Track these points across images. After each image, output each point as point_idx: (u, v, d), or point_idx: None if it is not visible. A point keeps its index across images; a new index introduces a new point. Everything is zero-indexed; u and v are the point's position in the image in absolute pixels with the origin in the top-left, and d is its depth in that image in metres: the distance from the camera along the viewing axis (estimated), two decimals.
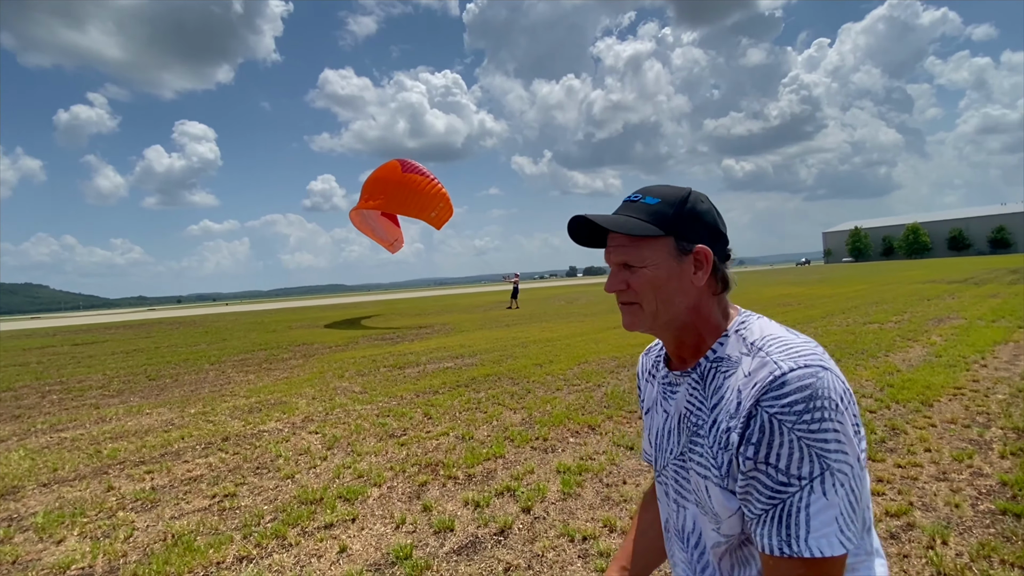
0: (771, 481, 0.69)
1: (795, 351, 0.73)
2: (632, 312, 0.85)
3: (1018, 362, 6.50)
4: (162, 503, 3.75)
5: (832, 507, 0.67)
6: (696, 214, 0.83)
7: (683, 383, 0.87)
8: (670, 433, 0.89)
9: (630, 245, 0.83)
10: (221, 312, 41.89)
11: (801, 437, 0.67)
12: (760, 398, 0.71)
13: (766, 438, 0.69)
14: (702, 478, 0.79)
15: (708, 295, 0.84)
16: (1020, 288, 17.39)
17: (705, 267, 0.82)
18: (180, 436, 5.43)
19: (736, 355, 0.79)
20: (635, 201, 0.85)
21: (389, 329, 17.01)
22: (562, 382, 7.03)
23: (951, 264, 49.75)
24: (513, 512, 3.30)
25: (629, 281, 0.84)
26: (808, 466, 0.67)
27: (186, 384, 8.71)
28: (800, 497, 0.67)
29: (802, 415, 0.67)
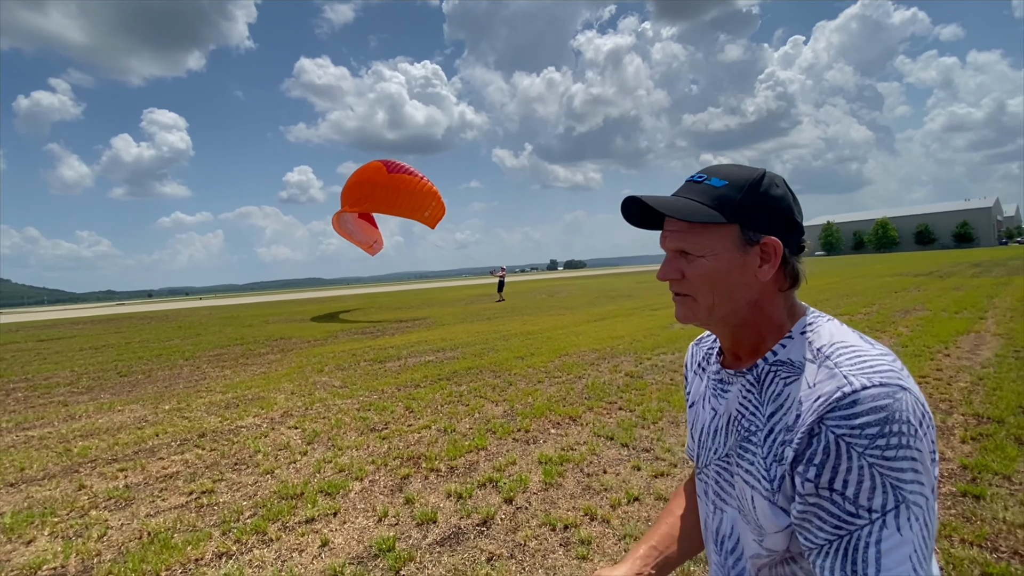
0: (837, 509, 0.61)
1: (869, 365, 0.65)
2: (686, 305, 0.79)
3: (979, 352, 6.79)
4: (137, 501, 3.68)
5: (906, 544, 0.59)
6: (768, 200, 0.74)
7: (736, 383, 0.81)
8: (716, 432, 0.83)
9: (688, 231, 0.75)
10: (194, 306, 40.89)
11: (873, 464, 0.60)
12: (824, 415, 0.63)
13: (831, 461, 0.62)
14: (748, 487, 0.74)
15: (773, 291, 0.77)
16: (982, 281, 18.11)
17: (773, 261, 0.74)
18: (154, 433, 5.31)
19: (800, 360, 0.72)
20: (699, 182, 0.77)
21: (369, 323, 16.85)
22: (543, 374, 7.08)
23: (917, 258, 51.48)
24: (495, 503, 3.33)
25: (685, 270, 0.77)
26: (881, 498, 0.60)
27: (159, 380, 8.50)
28: (870, 531, 0.60)
29: (875, 440, 0.60)
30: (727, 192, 0.74)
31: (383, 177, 16.09)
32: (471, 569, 2.61)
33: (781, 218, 0.75)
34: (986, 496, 3.01)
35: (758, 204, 0.74)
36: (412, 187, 15.98)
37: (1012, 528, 2.69)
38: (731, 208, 0.73)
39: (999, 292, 14.01)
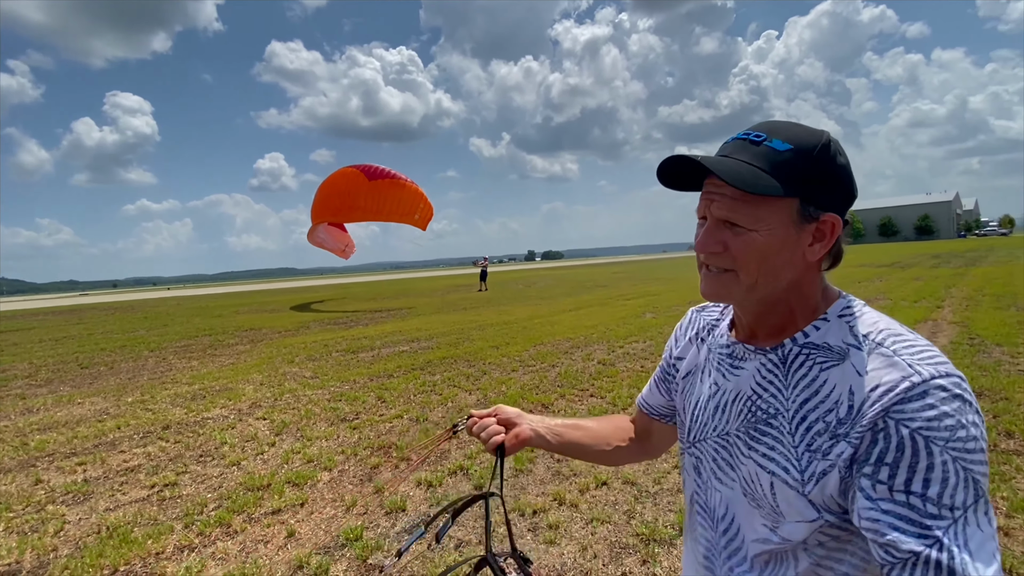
0: (917, 514, 0.55)
1: (928, 355, 0.60)
2: (724, 282, 0.70)
3: (936, 339, 7.07)
4: (96, 495, 3.56)
5: (990, 539, 0.55)
6: (835, 171, 0.66)
7: (754, 360, 0.74)
8: (719, 409, 0.77)
9: (741, 200, 0.66)
10: (162, 297, 39.66)
11: (956, 458, 0.55)
12: (891, 408, 0.58)
13: (907, 459, 0.56)
14: (766, 472, 0.68)
15: (816, 270, 0.71)
16: (941, 271, 18.86)
17: (827, 240, 0.68)
18: (116, 426, 5.15)
19: (841, 346, 0.66)
20: (757, 142, 0.67)
21: (343, 313, 16.62)
22: (518, 363, 7.11)
23: (881, 249, 53.28)
24: (466, 490, 3.34)
25: (729, 243, 0.68)
26: (963, 493, 0.55)
27: (123, 372, 8.23)
28: (955, 532, 0.54)
29: (955, 431, 0.55)
30: (791, 158, 0.65)
31: (364, 185, 15.40)
32: (438, 556, 2.61)
33: (843, 192, 0.67)
34: None
35: (823, 176, 0.66)
36: (397, 191, 15.47)
37: None
38: (795, 179, 0.64)
39: (956, 282, 14.61)
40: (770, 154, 0.65)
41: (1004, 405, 4.27)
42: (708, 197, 0.70)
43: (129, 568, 2.66)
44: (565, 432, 0.97)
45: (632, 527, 2.79)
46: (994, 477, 3.07)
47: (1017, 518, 2.65)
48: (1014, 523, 2.61)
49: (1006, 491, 2.90)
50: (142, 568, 2.66)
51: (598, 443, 1.00)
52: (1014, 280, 14.19)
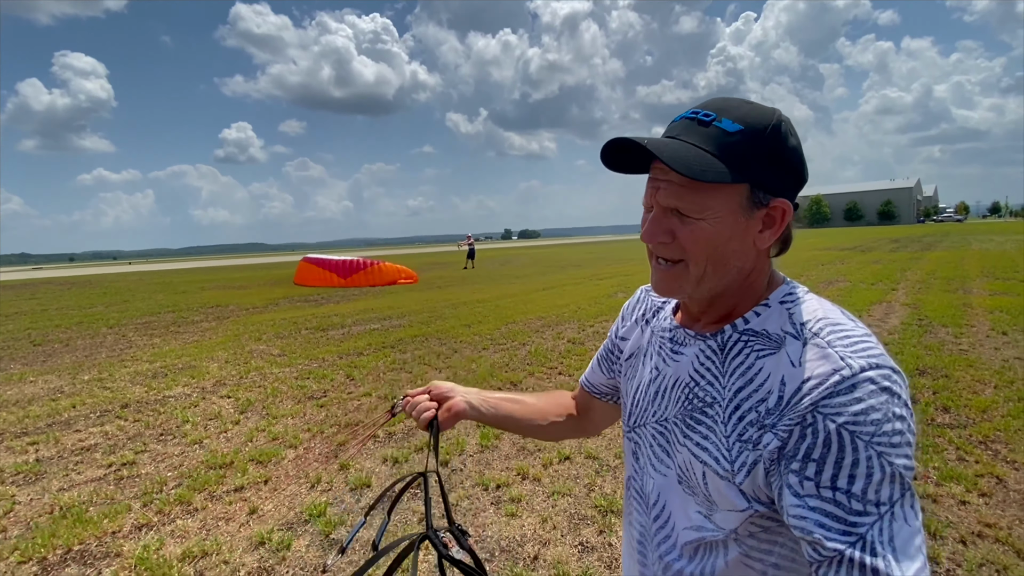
0: (842, 511, 0.54)
1: (862, 347, 0.59)
2: (673, 274, 0.68)
3: (888, 319, 7.41)
4: (48, 475, 3.47)
5: (915, 534, 0.54)
6: (785, 154, 0.63)
7: (694, 346, 0.72)
8: (658, 395, 0.76)
9: (689, 187, 0.63)
10: (122, 271, 38.15)
11: (881, 454, 0.54)
12: (820, 402, 0.56)
13: (833, 455, 0.55)
14: (699, 462, 0.67)
15: (765, 258, 0.69)
16: (898, 255, 19.65)
17: (777, 226, 0.65)
18: (71, 404, 4.99)
19: (778, 333, 0.64)
20: (706, 123, 0.64)
21: (313, 291, 16.33)
22: (489, 342, 7.15)
23: (845, 233, 55.06)
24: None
25: (677, 232, 0.65)
26: (888, 488, 0.54)
27: (79, 349, 7.95)
28: (880, 529, 0.53)
29: (881, 425, 0.54)
30: (742, 141, 0.62)
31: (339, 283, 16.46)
32: (401, 530, 2.66)
33: (793, 175, 0.65)
34: None
35: (774, 159, 0.63)
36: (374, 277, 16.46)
37: None
38: (745, 163, 0.61)
39: (912, 266, 15.26)
40: (719, 136, 0.62)
41: (944, 382, 4.53)
42: (654, 184, 0.67)
43: (84, 547, 2.62)
44: (500, 405, 0.96)
45: (591, 499, 2.89)
46: (928, 448, 3.28)
47: (946, 486, 2.85)
48: (942, 491, 2.80)
49: (938, 462, 3.10)
50: (97, 547, 2.62)
51: (534, 417, 0.99)
52: (964, 264, 14.90)
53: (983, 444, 3.34)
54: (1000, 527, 2.46)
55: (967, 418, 3.76)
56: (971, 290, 9.81)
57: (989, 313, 7.46)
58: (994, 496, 2.75)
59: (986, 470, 2.99)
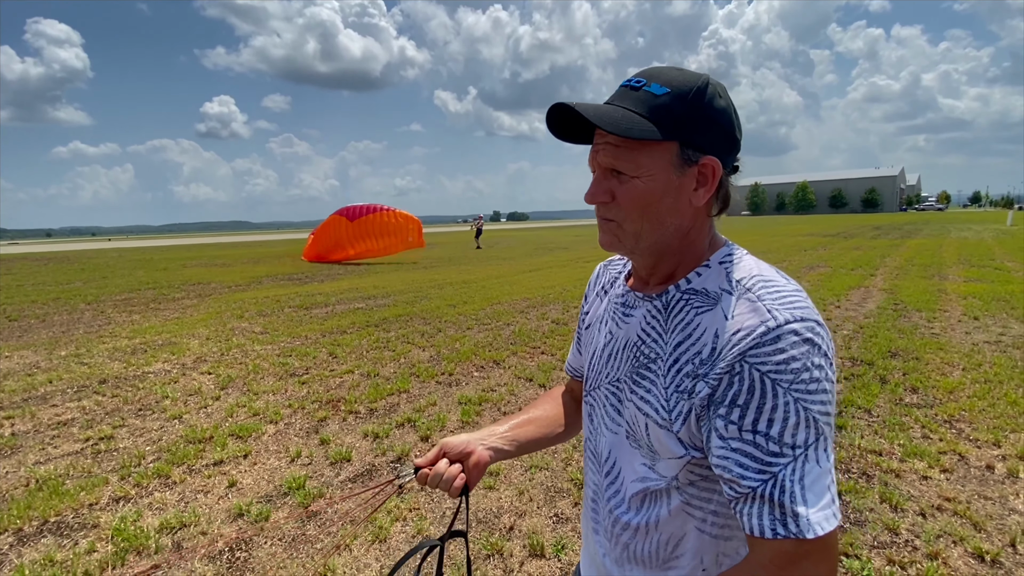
0: (760, 452, 0.59)
1: (790, 301, 0.63)
2: (612, 230, 0.72)
3: (865, 304, 7.57)
4: (24, 449, 3.44)
5: (825, 475, 0.58)
6: (712, 114, 0.66)
7: (642, 307, 0.76)
8: (611, 357, 0.78)
9: (623, 146, 0.67)
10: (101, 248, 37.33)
11: (798, 400, 0.58)
12: (747, 352, 0.60)
13: (755, 400, 0.59)
14: (642, 415, 0.70)
15: (704, 217, 0.72)
16: (879, 242, 19.98)
17: (710, 184, 0.68)
18: (47, 380, 4.92)
19: (716, 291, 0.68)
20: (636, 88, 0.67)
21: (297, 269, 16.16)
22: (473, 321, 7.16)
23: (829, 220, 55.74)
24: (411, 441, 3.41)
25: (616, 192, 0.69)
26: (804, 432, 0.58)
27: (56, 325, 7.80)
28: (794, 469, 0.58)
29: (799, 374, 0.58)
30: (668, 102, 0.65)
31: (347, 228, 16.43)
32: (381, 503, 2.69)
33: (723, 135, 0.68)
34: (847, 427, 3.44)
35: (700, 118, 0.66)
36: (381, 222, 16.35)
37: (864, 453, 3.10)
38: (673, 122, 0.65)
39: (891, 252, 15.54)
40: (648, 98, 0.66)
41: (914, 364, 4.66)
42: (595, 147, 0.70)
43: (60, 519, 2.62)
44: (519, 434, 0.93)
45: (568, 473, 2.95)
46: (894, 427, 3.39)
47: (909, 462, 2.95)
48: (905, 467, 2.91)
49: (903, 439, 3.21)
50: (74, 519, 2.62)
51: (552, 428, 0.98)
52: (942, 252, 15.22)
53: (948, 423, 3.46)
54: (959, 501, 2.57)
55: (934, 398, 3.89)
56: (947, 276, 10.04)
57: (962, 299, 7.65)
58: (955, 472, 2.86)
59: (949, 447, 3.11)
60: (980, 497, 2.60)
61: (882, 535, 2.35)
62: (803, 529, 0.56)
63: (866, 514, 2.50)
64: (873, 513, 2.51)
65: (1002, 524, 2.38)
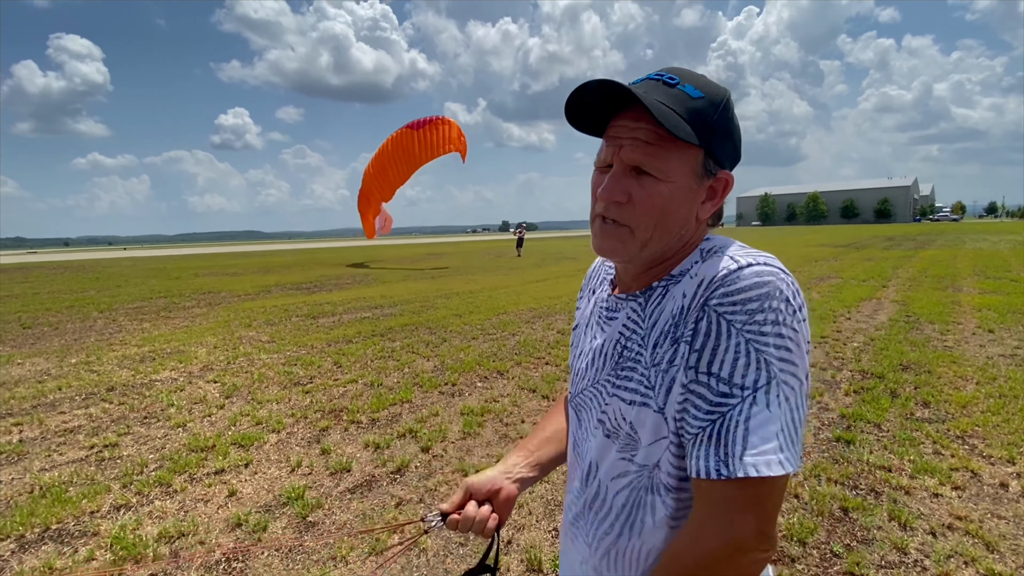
0: (711, 393, 0.58)
1: (756, 252, 0.63)
2: (618, 236, 0.67)
3: (876, 316, 7.45)
4: (31, 455, 3.47)
5: (774, 421, 0.56)
6: (733, 128, 0.66)
7: (624, 308, 0.74)
8: (595, 360, 0.77)
9: (657, 144, 0.63)
10: (116, 256, 37.95)
11: (750, 340, 0.57)
12: (709, 296, 0.60)
13: (711, 342, 0.58)
14: (626, 403, 0.69)
15: (704, 230, 0.71)
16: (892, 253, 19.72)
17: (718, 198, 0.68)
18: (56, 387, 4.98)
19: (688, 267, 0.67)
20: (671, 84, 0.64)
21: (306, 278, 16.29)
22: (479, 331, 7.15)
23: (841, 230, 55.18)
24: (412, 452, 3.39)
25: (634, 193, 0.65)
26: (754, 374, 0.56)
27: (68, 333, 7.91)
28: (740, 410, 0.56)
29: (754, 315, 0.57)
30: (704, 107, 0.63)
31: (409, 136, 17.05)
32: (378, 514, 2.67)
33: (735, 150, 0.68)
34: (856, 441, 3.37)
35: (726, 130, 0.65)
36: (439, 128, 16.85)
37: (873, 469, 3.03)
38: (707, 129, 0.63)
39: (904, 264, 15.32)
40: (684, 98, 0.63)
41: (926, 378, 4.56)
42: (616, 142, 0.66)
43: (62, 526, 2.63)
44: (540, 456, 0.92)
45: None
46: (904, 442, 3.31)
47: (919, 479, 2.88)
48: (916, 484, 2.84)
49: (913, 455, 3.14)
50: (75, 526, 2.63)
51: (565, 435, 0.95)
52: (956, 263, 14.97)
53: (960, 439, 3.37)
54: (971, 520, 2.49)
55: (946, 413, 3.80)
56: (961, 288, 9.87)
57: (977, 311, 7.50)
58: (967, 490, 2.78)
59: (961, 464, 3.03)
60: (993, 516, 2.53)
61: (890, 554, 2.28)
62: (738, 469, 0.55)
63: (874, 532, 2.44)
64: (881, 531, 2.44)
65: (1016, 545, 2.31)
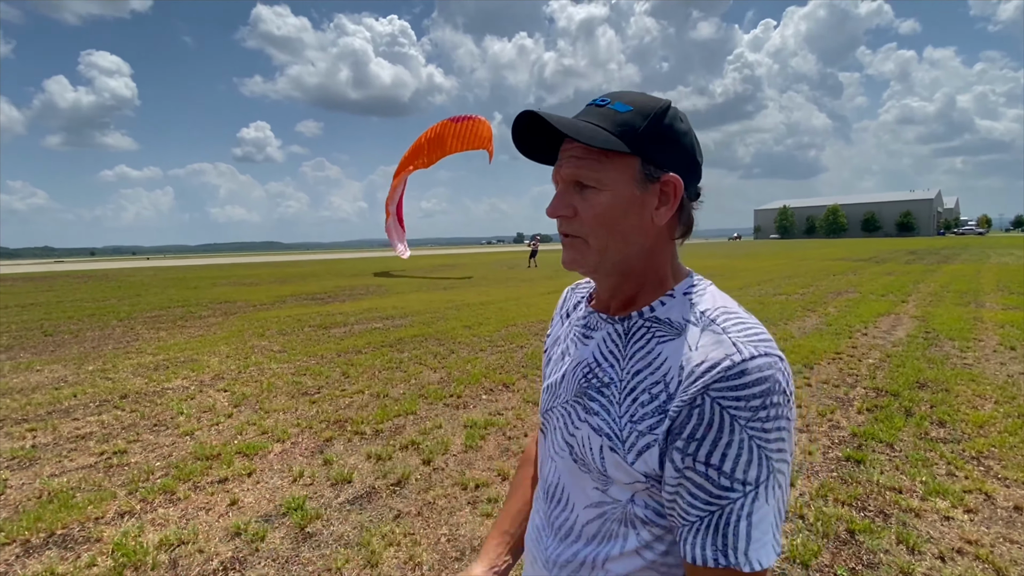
0: (711, 485, 0.59)
1: (754, 334, 0.63)
2: (576, 247, 0.71)
3: (894, 332, 7.28)
4: (42, 461, 3.55)
5: (771, 513, 0.59)
6: (673, 134, 0.68)
7: (602, 329, 0.75)
8: (565, 377, 0.77)
9: (587, 158, 0.67)
10: (138, 266, 38.92)
11: (753, 437, 0.58)
12: (711, 385, 0.60)
13: (712, 434, 0.59)
14: (597, 435, 0.69)
15: (667, 239, 0.72)
16: (913, 268, 19.29)
17: (671, 202, 0.68)
18: (72, 394, 5.10)
19: (680, 322, 0.67)
20: (602, 106, 0.69)
21: (320, 289, 16.49)
22: (487, 343, 7.16)
23: (861, 244, 54.20)
24: (414, 464, 3.39)
25: (578, 206, 0.69)
26: (756, 470, 0.58)
27: (87, 341, 8.11)
28: (742, 504, 0.58)
29: (758, 411, 0.58)
30: (631, 119, 0.67)
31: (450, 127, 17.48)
32: (375, 527, 2.67)
33: (684, 155, 0.69)
34: (866, 461, 3.28)
35: (662, 136, 0.67)
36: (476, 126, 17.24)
37: (883, 490, 2.95)
38: (634, 136, 0.66)
39: (925, 278, 14.97)
40: (612, 114, 0.67)
41: (943, 396, 4.43)
42: (558, 163, 0.71)
43: (66, 532, 2.68)
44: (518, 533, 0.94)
45: None
46: (917, 462, 3.22)
47: (931, 501, 2.79)
48: (926, 506, 2.75)
49: (926, 476, 3.04)
50: (79, 532, 2.67)
51: None
52: (980, 278, 14.59)
53: (975, 460, 3.27)
54: (982, 544, 2.41)
55: (962, 433, 3.68)
56: (983, 304, 9.60)
57: (999, 328, 7.29)
58: (980, 513, 2.68)
59: (975, 486, 2.93)
60: (1005, 540, 2.43)
61: None
62: (742, 563, 0.58)
63: (880, 556, 2.36)
64: (888, 555, 2.36)
65: None
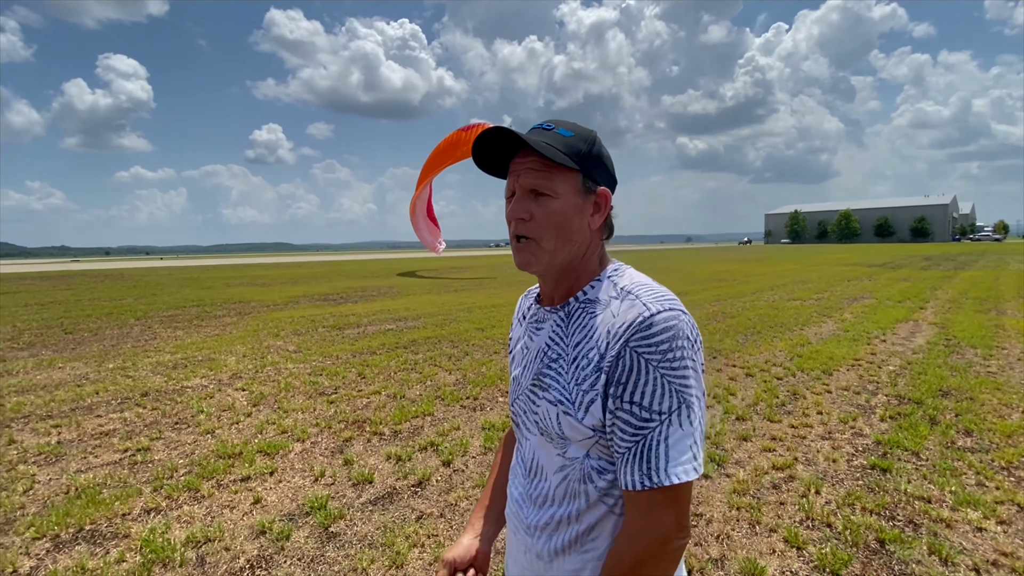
0: (634, 419, 0.72)
1: (661, 295, 0.77)
2: (529, 249, 0.83)
3: (913, 339, 7.17)
4: (68, 457, 3.60)
5: (688, 436, 0.72)
6: (601, 157, 0.84)
7: (549, 320, 0.88)
8: (526, 367, 0.90)
9: (544, 170, 0.80)
10: (153, 266, 39.43)
11: (664, 375, 0.72)
12: (630, 339, 0.73)
13: (634, 377, 0.72)
14: (553, 406, 0.81)
15: (598, 240, 0.86)
16: (929, 274, 19.01)
17: (603, 210, 0.84)
18: (94, 391, 5.17)
19: (606, 298, 0.82)
20: (548, 130, 0.83)
21: (332, 290, 16.60)
22: (500, 345, 7.16)
23: (875, 249, 53.55)
24: (434, 465, 3.39)
25: (535, 211, 0.81)
26: (668, 401, 0.72)
27: (106, 339, 8.23)
28: (660, 431, 0.71)
29: (666, 354, 0.72)
30: (574, 143, 0.81)
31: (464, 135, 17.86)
32: (399, 527, 2.67)
33: (608, 174, 0.86)
34: (892, 470, 3.23)
35: (598, 157, 0.83)
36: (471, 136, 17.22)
37: (911, 499, 2.90)
38: (579, 156, 0.81)
39: (943, 284, 14.75)
40: (559, 138, 0.81)
41: (967, 404, 4.36)
42: (515, 173, 0.83)
43: (95, 527, 2.71)
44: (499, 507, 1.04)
45: None
46: (945, 472, 3.16)
47: (962, 511, 2.74)
48: (957, 516, 2.70)
49: (955, 486, 2.99)
50: (107, 528, 2.70)
51: None
52: (999, 284, 14.35)
53: (1006, 470, 3.20)
54: (1018, 557, 2.36)
55: (990, 442, 3.61)
56: (1005, 311, 9.44)
57: (1022, 335, 7.16)
58: (1014, 524, 2.63)
59: (1007, 497, 2.87)
60: None
61: None
62: (663, 479, 0.71)
63: (912, 566, 2.32)
64: (920, 566, 2.32)
65: None
